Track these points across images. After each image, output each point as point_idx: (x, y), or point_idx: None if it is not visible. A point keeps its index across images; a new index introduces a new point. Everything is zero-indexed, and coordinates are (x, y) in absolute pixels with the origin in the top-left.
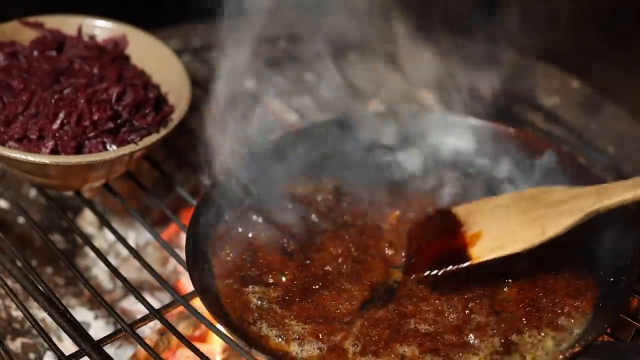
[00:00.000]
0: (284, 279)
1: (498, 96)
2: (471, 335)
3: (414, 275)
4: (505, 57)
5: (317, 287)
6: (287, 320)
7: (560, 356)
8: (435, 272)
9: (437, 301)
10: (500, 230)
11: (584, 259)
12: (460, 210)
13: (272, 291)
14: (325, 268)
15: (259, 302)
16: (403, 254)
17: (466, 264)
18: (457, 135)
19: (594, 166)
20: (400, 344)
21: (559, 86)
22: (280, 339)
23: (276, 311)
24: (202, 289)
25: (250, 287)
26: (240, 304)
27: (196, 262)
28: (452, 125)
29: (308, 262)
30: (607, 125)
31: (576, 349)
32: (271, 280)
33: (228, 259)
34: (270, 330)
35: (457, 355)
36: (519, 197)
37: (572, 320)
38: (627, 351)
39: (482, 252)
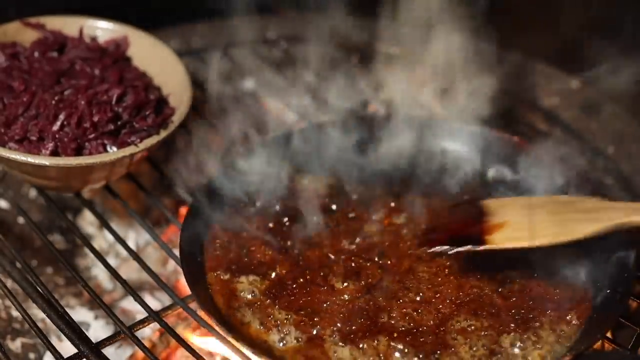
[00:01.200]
0: (274, 273)
1: (498, 97)
2: (455, 335)
3: (425, 247)
4: (505, 58)
5: (306, 282)
6: (270, 310)
7: None
8: (446, 248)
9: (423, 300)
10: (525, 224)
11: (580, 269)
12: (489, 203)
13: (260, 283)
14: (317, 266)
15: (247, 292)
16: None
17: (481, 247)
18: (456, 140)
19: (594, 166)
20: (379, 337)
21: (559, 86)
22: (261, 327)
23: (262, 301)
24: (193, 280)
25: (240, 278)
26: (228, 292)
27: (189, 254)
28: (451, 130)
29: (300, 259)
30: (607, 125)
31: (566, 358)
32: (261, 274)
33: (221, 252)
34: (253, 318)
35: (437, 353)
36: (550, 200)
37: (564, 330)
38: (624, 358)
39: (501, 239)
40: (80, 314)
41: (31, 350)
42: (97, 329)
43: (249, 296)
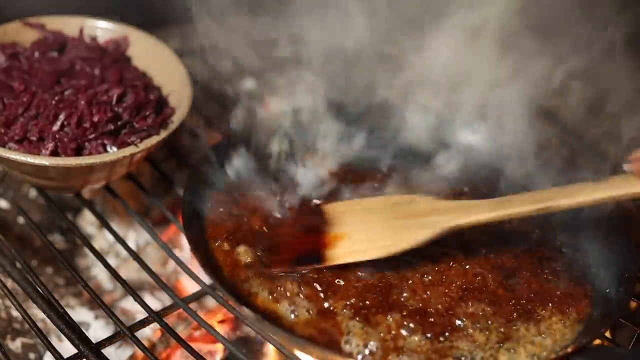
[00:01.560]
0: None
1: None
2: (462, 319)
3: (271, 269)
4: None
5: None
6: (280, 281)
7: (553, 355)
8: (290, 270)
9: (430, 282)
10: (361, 235)
11: (581, 268)
12: (330, 209)
13: (267, 254)
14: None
15: (252, 262)
16: None
17: (320, 265)
18: (448, 134)
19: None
20: (390, 314)
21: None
22: (269, 298)
23: (269, 272)
24: (197, 247)
25: (245, 248)
26: (232, 262)
27: (192, 222)
28: (445, 124)
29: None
30: (607, 126)
31: (569, 349)
32: (267, 245)
33: (225, 221)
34: (262, 289)
35: (445, 334)
36: (386, 202)
37: (564, 326)
38: (622, 356)
39: (341, 254)
40: (80, 314)
41: (31, 350)
42: (97, 329)
43: (255, 266)
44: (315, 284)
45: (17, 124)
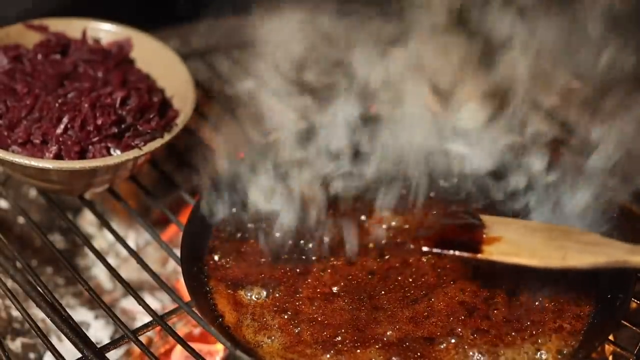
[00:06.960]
0: (274, 284)
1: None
2: (451, 342)
3: (418, 244)
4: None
5: (304, 296)
6: (266, 315)
7: None
8: (440, 250)
9: (415, 308)
10: (521, 242)
11: (580, 277)
12: (486, 217)
13: (261, 293)
14: (315, 277)
15: (250, 302)
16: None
17: (475, 255)
18: (453, 142)
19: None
20: (369, 348)
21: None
22: (254, 325)
23: (261, 310)
24: (196, 296)
25: (243, 289)
26: (234, 304)
27: (190, 266)
28: (446, 131)
29: (300, 271)
30: (607, 126)
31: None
32: (261, 284)
33: (222, 261)
34: (251, 321)
35: None
36: (549, 226)
37: (565, 336)
38: None
39: (495, 252)
40: (80, 313)
41: (31, 350)
42: (98, 329)
43: (250, 305)
44: (296, 318)
45: (20, 126)
